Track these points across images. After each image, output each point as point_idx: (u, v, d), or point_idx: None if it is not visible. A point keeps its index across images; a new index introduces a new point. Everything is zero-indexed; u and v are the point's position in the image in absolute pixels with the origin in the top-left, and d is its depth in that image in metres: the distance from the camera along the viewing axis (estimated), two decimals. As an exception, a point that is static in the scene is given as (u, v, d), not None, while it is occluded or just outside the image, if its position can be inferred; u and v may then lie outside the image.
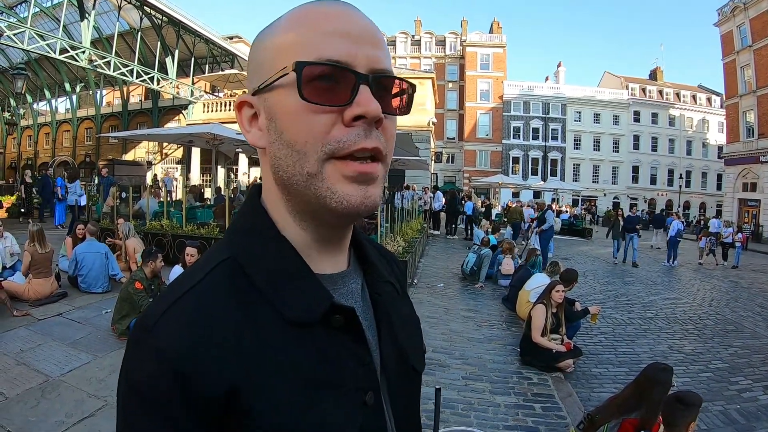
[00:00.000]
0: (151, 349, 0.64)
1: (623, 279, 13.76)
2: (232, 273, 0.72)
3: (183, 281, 0.72)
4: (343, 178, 0.69)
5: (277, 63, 0.71)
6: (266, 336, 0.67)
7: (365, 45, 0.70)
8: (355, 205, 0.69)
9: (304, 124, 0.68)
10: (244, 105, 0.78)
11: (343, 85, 0.68)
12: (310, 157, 0.69)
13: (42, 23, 29.16)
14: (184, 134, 16.25)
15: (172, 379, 0.62)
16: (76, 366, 5.25)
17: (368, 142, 0.69)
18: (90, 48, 24.04)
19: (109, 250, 8.41)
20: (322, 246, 0.78)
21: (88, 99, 42.55)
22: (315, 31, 0.69)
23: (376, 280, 0.87)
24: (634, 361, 6.59)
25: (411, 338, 0.91)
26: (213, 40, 32.24)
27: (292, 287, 0.72)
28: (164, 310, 0.67)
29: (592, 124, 52.47)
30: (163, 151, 37.18)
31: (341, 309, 0.73)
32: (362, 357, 0.75)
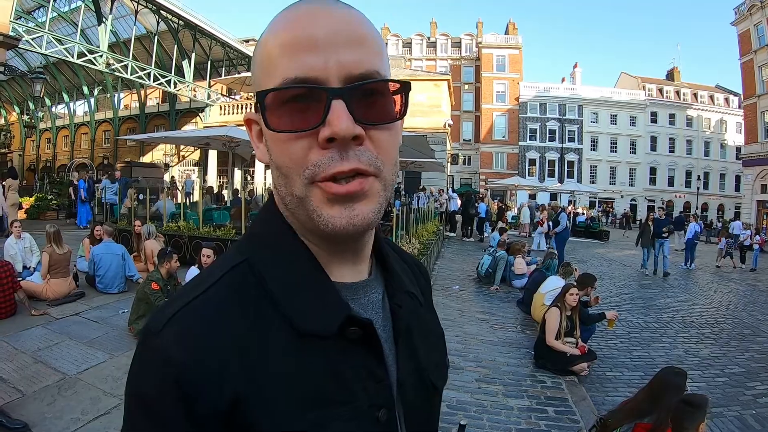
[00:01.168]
0: (157, 355, 0.63)
1: (639, 282, 13.65)
2: (245, 278, 0.70)
3: (195, 285, 0.70)
4: (326, 201, 0.66)
5: (258, 84, 0.70)
6: (275, 347, 0.65)
7: (337, 49, 0.64)
8: (340, 226, 0.66)
9: (282, 150, 0.67)
10: (251, 122, 0.77)
11: (315, 104, 0.64)
12: (295, 181, 0.67)
13: (60, 28, 29.54)
14: (200, 137, 16.37)
15: (175, 389, 0.60)
16: (92, 364, 5.31)
17: (343, 165, 0.64)
18: (107, 52, 24.30)
19: (126, 251, 8.50)
20: (339, 256, 0.75)
21: (105, 102, 43.04)
22: (280, 45, 0.66)
23: (396, 290, 0.82)
24: (649, 365, 6.51)
25: (432, 352, 0.86)
26: (229, 43, 32.44)
27: (307, 296, 0.69)
28: (172, 315, 0.65)
29: (608, 125, 52.09)
30: (180, 154, 37.49)
31: (358, 321, 0.69)
32: (377, 372, 0.72)
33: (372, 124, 0.67)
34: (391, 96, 0.70)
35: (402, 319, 0.79)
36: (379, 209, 0.69)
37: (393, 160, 0.71)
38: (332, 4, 0.68)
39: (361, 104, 0.65)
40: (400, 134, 0.76)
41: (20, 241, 8.80)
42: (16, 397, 4.46)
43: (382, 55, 0.71)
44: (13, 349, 5.62)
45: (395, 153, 0.73)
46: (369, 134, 0.67)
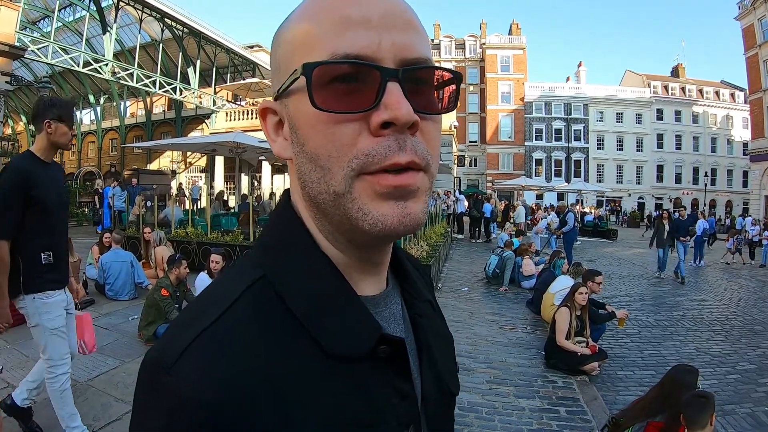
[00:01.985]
0: (173, 395, 0.52)
1: (649, 280, 13.60)
2: (265, 297, 0.61)
3: (209, 306, 0.60)
4: (376, 196, 0.58)
5: (291, 63, 0.61)
6: (305, 373, 0.58)
7: (391, 30, 0.58)
8: (392, 226, 0.58)
9: (324, 136, 0.58)
10: (267, 112, 0.68)
11: (367, 85, 0.57)
12: (335, 174, 0.58)
13: (65, 37, 29.65)
14: (207, 143, 16.43)
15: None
16: (103, 371, 5.33)
17: (401, 156, 0.57)
18: (113, 60, 24.42)
19: (134, 258, 8.56)
20: (362, 266, 0.68)
21: (112, 110, 43.23)
22: (327, 20, 0.58)
23: (415, 298, 0.77)
24: (660, 364, 6.48)
25: (447, 360, 0.82)
26: (234, 49, 32.53)
27: (334, 315, 0.62)
28: (187, 345, 0.55)
29: (614, 124, 51.94)
30: (187, 160, 37.62)
31: (390, 341, 0.63)
32: (405, 389, 0.66)
33: (424, 113, 0.60)
34: (442, 85, 0.64)
35: (423, 330, 0.75)
36: (426, 209, 0.63)
37: (437, 157, 0.65)
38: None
39: (414, 91, 0.59)
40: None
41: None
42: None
43: (429, 45, 0.64)
44: (24, 356, 5.64)
45: (439, 149, 0.66)
46: (421, 125, 0.60)
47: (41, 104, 3.40)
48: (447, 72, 0.63)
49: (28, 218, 3.21)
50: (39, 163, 3.35)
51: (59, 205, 3.47)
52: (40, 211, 3.25)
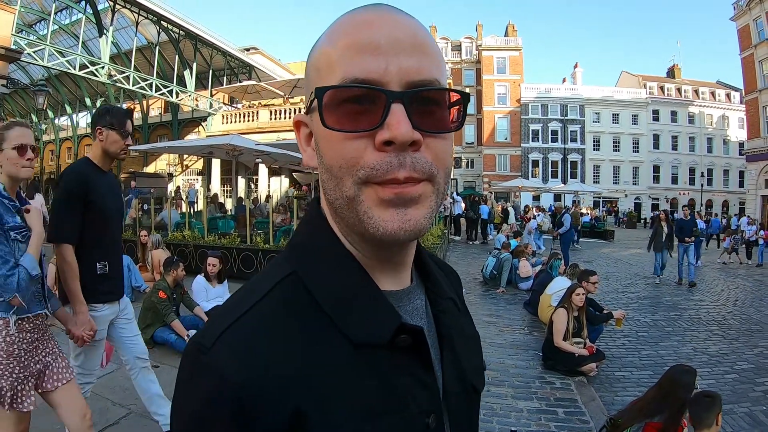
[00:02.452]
0: (211, 373, 0.60)
1: (646, 281, 13.61)
2: (295, 290, 0.68)
3: (243, 298, 0.68)
4: (380, 202, 0.64)
5: (312, 84, 0.68)
6: (330, 359, 0.63)
7: (399, 55, 0.63)
8: (392, 230, 0.64)
9: (335, 151, 0.65)
10: (300, 124, 0.76)
11: (374, 106, 0.62)
12: (346, 182, 0.64)
13: (61, 40, 29.70)
14: (204, 146, 16.43)
15: (234, 408, 0.58)
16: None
17: (400, 172, 0.62)
18: (109, 63, 24.48)
19: (131, 262, 8.51)
20: (383, 265, 0.74)
21: (108, 113, 43.13)
22: (341, 46, 0.65)
23: (438, 296, 0.82)
24: (658, 364, 6.49)
25: (471, 356, 0.86)
26: (230, 52, 32.59)
27: (358, 307, 0.68)
28: (223, 330, 0.62)
29: (611, 125, 52.03)
30: (183, 163, 37.58)
31: (409, 329, 0.68)
32: (426, 379, 0.71)
33: (429, 132, 0.65)
34: (447, 106, 0.68)
35: (446, 325, 0.80)
36: (430, 215, 0.68)
37: (447, 169, 0.70)
38: (394, 12, 0.68)
39: (420, 111, 0.64)
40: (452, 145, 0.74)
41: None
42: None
43: (441, 66, 0.69)
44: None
45: (450, 162, 0.71)
46: (425, 141, 0.65)
47: (96, 111, 3.46)
48: (454, 92, 0.68)
49: (86, 226, 3.17)
50: (96, 170, 3.36)
51: (116, 214, 3.47)
52: (97, 218, 3.23)
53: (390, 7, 0.68)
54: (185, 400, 0.63)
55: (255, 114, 30.83)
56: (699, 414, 3.13)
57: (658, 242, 13.54)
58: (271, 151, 16.03)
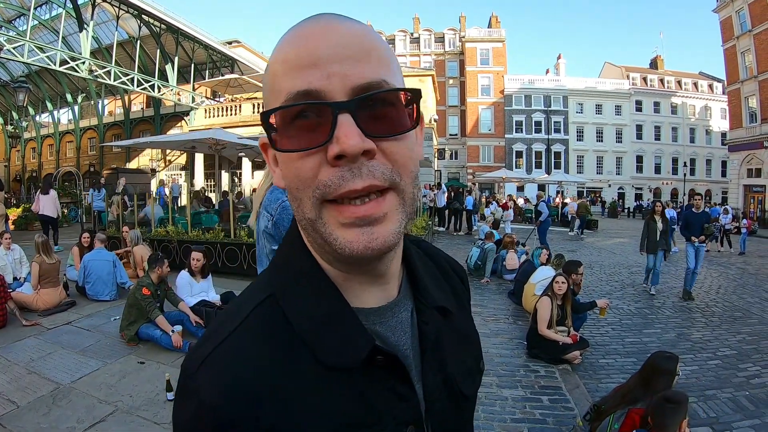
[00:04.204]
0: (193, 397, 0.64)
1: (630, 270, 13.69)
2: (271, 315, 0.70)
3: (225, 321, 0.71)
4: (340, 225, 0.64)
5: (264, 104, 0.68)
6: (304, 381, 0.65)
7: (340, 62, 0.62)
8: (358, 250, 0.63)
9: (291, 171, 0.65)
10: (267, 147, 0.73)
11: (322, 120, 0.62)
12: (305, 203, 0.65)
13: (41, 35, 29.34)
14: (186, 140, 16.31)
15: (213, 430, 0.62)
16: (86, 373, 5.29)
17: (356, 183, 0.62)
18: (90, 58, 24.18)
19: (116, 258, 8.48)
20: (363, 278, 0.73)
21: (90, 109, 42.78)
22: (283, 64, 0.65)
23: (425, 306, 0.80)
24: (641, 351, 6.54)
25: (462, 361, 0.86)
26: (212, 45, 32.33)
27: (330, 331, 0.68)
28: (206, 356, 0.66)
29: (594, 115, 52.29)
30: (166, 158, 37.33)
31: (383, 352, 0.69)
32: (403, 392, 0.72)
33: (382, 137, 0.64)
34: (402, 106, 0.67)
35: (428, 337, 0.79)
36: (399, 229, 0.67)
37: (411, 172, 0.68)
38: (335, 20, 0.66)
39: (370, 116, 0.63)
40: (419, 145, 0.74)
41: (10, 253, 8.77)
42: (11, 408, 4.44)
43: (389, 65, 0.68)
44: (6, 360, 5.60)
45: (413, 164, 0.69)
46: (381, 147, 0.64)
47: None
48: (402, 91, 0.66)
49: None
50: None
51: None
52: None
53: (331, 16, 0.67)
54: (176, 415, 0.67)
55: (238, 108, 30.64)
56: (662, 419, 3.13)
57: (651, 241, 10.68)
58: (254, 144, 15.91)
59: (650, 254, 10.57)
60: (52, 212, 13.90)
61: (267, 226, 2.83)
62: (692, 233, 10.19)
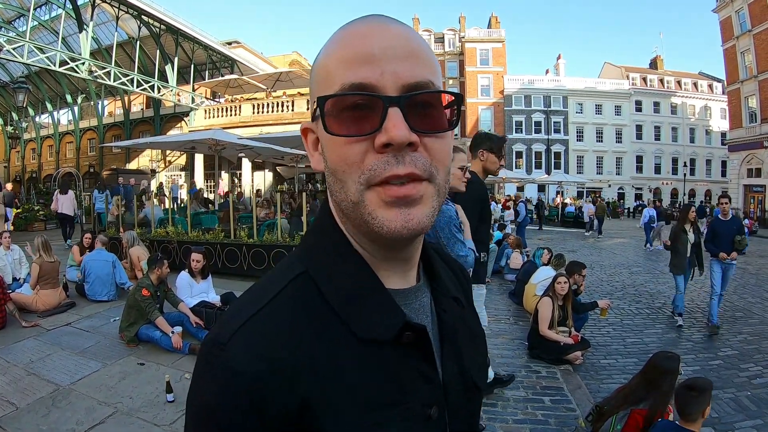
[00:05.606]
0: (226, 367, 0.64)
1: (630, 270, 13.70)
2: (306, 289, 0.73)
3: (257, 296, 0.73)
4: (383, 204, 0.68)
5: (314, 94, 0.72)
6: (338, 354, 0.68)
7: (393, 61, 0.67)
8: (395, 229, 0.68)
9: (338, 155, 0.69)
10: (307, 131, 0.79)
11: (373, 111, 0.66)
12: (350, 186, 0.69)
13: (41, 36, 29.34)
14: (186, 141, 16.30)
15: (247, 400, 0.62)
16: (86, 374, 5.28)
17: (399, 169, 0.67)
18: (89, 59, 24.22)
19: (116, 259, 8.47)
20: (391, 262, 0.78)
21: (89, 110, 42.86)
22: (338, 58, 0.69)
23: (442, 295, 0.85)
24: (643, 351, 6.54)
25: (475, 354, 0.90)
26: (212, 46, 32.40)
27: (365, 305, 0.72)
28: (238, 327, 0.67)
29: (594, 116, 52.17)
30: (166, 159, 37.36)
31: (413, 327, 0.72)
32: (428, 373, 0.75)
33: (425, 133, 0.69)
34: (443, 107, 0.72)
35: (447, 324, 0.83)
36: (432, 214, 0.71)
37: (446, 168, 0.73)
38: (387, 21, 0.72)
39: (416, 113, 0.67)
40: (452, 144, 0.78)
41: (9, 253, 8.77)
42: (10, 410, 4.43)
43: (435, 69, 0.73)
44: (5, 362, 5.59)
45: (448, 161, 0.75)
46: (423, 142, 0.69)
47: (478, 137, 4.57)
48: (448, 94, 0.72)
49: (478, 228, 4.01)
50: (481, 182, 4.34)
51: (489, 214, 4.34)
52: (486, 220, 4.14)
53: (382, 18, 0.72)
54: (200, 392, 0.67)
55: (237, 108, 30.63)
56: (685, 406, 3.15)
57: (681, 258, 8.29)
58: (254, 145, 15.93)
59: (679, 275, 8.25)
60: (69, 210, 15.09)
61: None
62: (721, 247, 7.85)
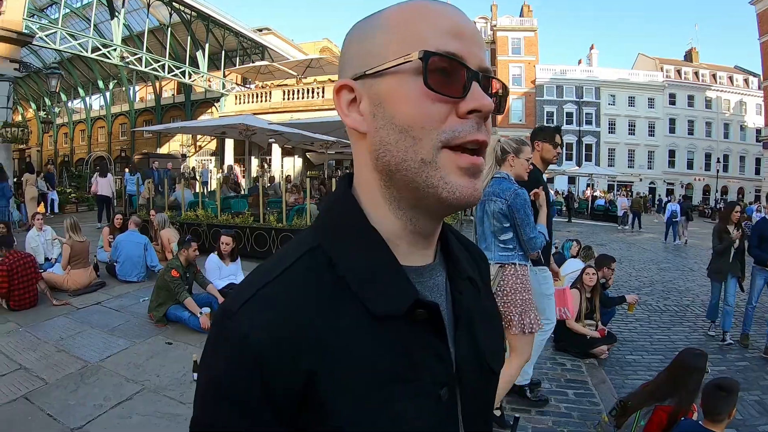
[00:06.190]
0: (233, 336, 0.65)
1: (659, 265, 13.53)
2: (318, 263, 0.72)
3: (269, 268, 0.73)
4: (457, 169, 0.70)
5: (393, 51, 0.71)
6: (348, 328, 0.67)
7: (475, 46, 0.72)
8: (465, 196, 0.70)
9: (421, 111, 0.69)
10: (343, 89, 0.77)
11: (459, 80, 0.69)
12: (425, 144, 0.69)
13: (73, 23, 29.65)
14: (217, 126, 16.46)
15: (253, 366, 0.63)
16: (114, 352, 5.39)
17: (480, 135, 0.70)
18: (121, 45, 24.45)
19: (148, 242, 8.64)
20: (413, 237, 0.77)
21: (121, 95, 43.39)
22: (433, 26, 0.70)
23: (457, 275, 0.85)
24: (669, 349, 6.46)
25: (491, 337, 0.88)
26: (242, 32, 32.52)
27: (378, 279, 0.71)
28: (249, 297, 0.67)
29: (626, 108, 51.21)
30: (197, 144, 37.72)
31: (425, 304, 0.71)
32: (441, 352, 0.74)
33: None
34: (496, 94, 0.77)
35: (461, 304, 0.82)
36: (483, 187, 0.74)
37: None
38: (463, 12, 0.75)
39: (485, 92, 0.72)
40: None
41: (42, 234, 9.00)
42: (40, 385, 4.55)
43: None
44: (35, 338, 5.74)
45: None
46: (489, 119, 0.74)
47: (534, 130, 4.81)
48: (501, 83, 0.79)
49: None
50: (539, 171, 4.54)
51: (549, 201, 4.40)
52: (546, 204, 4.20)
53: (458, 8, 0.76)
54: (211, 360, 0.68)
55: (268, 94, 30.77)
56: (713, 406, 3.10)
57: (722, 263, 7.43)
58: (284, 130, 16.02)
59: (716, 282, 7.55)
60: (108, 193, 15.87)
61: (501, 209, 3.72)
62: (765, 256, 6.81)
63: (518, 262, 3.82)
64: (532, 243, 3.76)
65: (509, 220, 3.75)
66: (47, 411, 4.08)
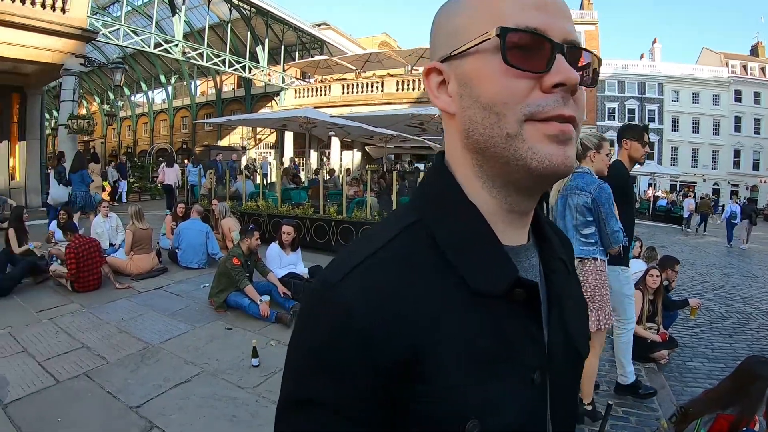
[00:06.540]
0: (337, 306, 0.64)
1: (722, 270, 13.07)
2: (419, 237, 0.72)
3: (368, 242, 0.72)
4: (544, 138, 0.68)
5: (474, 30, 0.71)
6: (449, 304, 0.67)
7: (559, 17, 0.70)
8: (556, 164, 0.69)
9: (503, 87, 0.68)
10: (432, 72, 0.78)
11: (541, 53, 0.68)
12: (509, 118, 0.68)
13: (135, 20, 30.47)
14: (278, 118, 16.72)
15: (358, 337, 0.62)
16: (174, 335, 5.57)
17: (566, 110, 0.69)
18: (182, 41, 25.04)
19: (210, 230, 8.92)
20: (508, 216, 0.77)
21: (182, 89, 44.41)
22: (512, 2, 0.70)
23: (550, 256, 0.85)
24: (730, 357, 6.24)
25: (579, 321, 0.88)
26: (301, 27, 32.85)
27: (479, 256, 0.71)
28: (351, 268, 0.67)
29: (690, 105, 49.04)
30: (256, 137, 38.37)
31: (525, 284, 0.71)
32: (535, 334, 0.73)
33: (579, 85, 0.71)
34: (586, 66, 0.75)
35: (555, 286, 0.82)
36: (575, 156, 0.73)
37: (582, 122, 0.75)
38: None
39: (571, 64, 0.70)
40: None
41: (107, 220, 9.39)
42: (101, 363, 4.75)
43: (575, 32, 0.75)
44: (98, 319, 5.97)
45: (584, 115, 0.77)
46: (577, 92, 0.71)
47: (621, 128, 4.86)
48: (593, 54, 0.76)
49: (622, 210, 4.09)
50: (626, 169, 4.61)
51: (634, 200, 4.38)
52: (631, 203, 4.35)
53: None
54: (310, 332, 0.68)
55: (327, 88, 31.08)
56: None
57: None
58: (344, 124, 16.13)
59: None
60: (173, 182, 16.70)
61: (586, 202, 3.76)
62: None
63: (599, 257, 3.85)
64: (615, 236, 3.79)
65: (593, 214, 3.80)
66: (107, 389, 4.24)
